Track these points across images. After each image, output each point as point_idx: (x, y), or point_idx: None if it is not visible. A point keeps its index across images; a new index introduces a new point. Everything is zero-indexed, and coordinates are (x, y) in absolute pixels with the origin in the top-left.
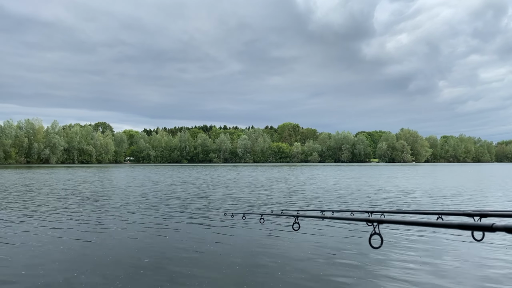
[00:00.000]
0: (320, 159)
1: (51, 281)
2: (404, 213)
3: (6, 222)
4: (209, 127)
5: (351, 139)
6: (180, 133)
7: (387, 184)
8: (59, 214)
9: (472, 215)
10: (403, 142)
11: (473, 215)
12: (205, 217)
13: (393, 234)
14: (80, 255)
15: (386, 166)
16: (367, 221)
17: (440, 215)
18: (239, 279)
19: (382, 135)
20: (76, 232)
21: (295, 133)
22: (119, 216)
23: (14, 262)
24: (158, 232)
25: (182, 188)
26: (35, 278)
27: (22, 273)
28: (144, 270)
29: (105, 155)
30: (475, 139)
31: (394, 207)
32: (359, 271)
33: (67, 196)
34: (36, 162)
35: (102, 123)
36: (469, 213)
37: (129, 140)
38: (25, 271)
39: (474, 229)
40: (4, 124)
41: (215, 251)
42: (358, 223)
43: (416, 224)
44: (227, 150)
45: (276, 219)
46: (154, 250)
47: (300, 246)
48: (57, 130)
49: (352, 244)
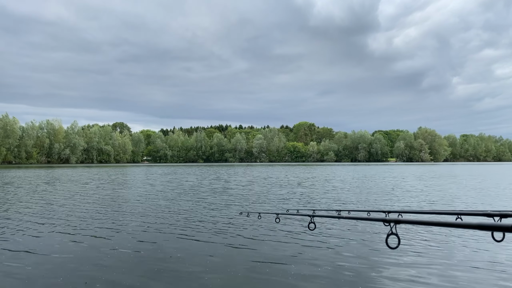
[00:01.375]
0: (336, 159)
1: (65, 280)
2: (422, 213)
3: (32, 217)
4: (224, 126)
5: (367, 138)
6: (196, 133)
7: (404, 184)
8: (81, 212)
9: (492, 215)
10: (421, 141)
11: (493, 216)
12: (221, 216)
13: (410, 234)
14: (98, 253)
15: (403, 166)
16: (384, 221)
17: (459, 215)
18: (254, 279)
19: (400, 134)
20: (94, 229)
21: (310, 132)
22: (137, 214)
23: (30, 259)
24: (174, 231)
25: (198, 187)
26: (53, 277)
27: (38, 272)
28: (158, 268)
29: (123, 155)
30: (495, 137)
31: (411, 207)
32: (376, 272)
33: (92, 195)
34: (56, 162)
35: (120, 123)
36: (489, 213)
37: (146, 140)
38: (41, 271)
39: (494, 229)
40: (26, 125)
41: (230, 251)
42: (375, 223)
43: (434, 224)
44: (243, 149)
45: (292, 218)
46: (169, 249)
47: (315, 246)
48: (76, 131)
49: (368, 244)
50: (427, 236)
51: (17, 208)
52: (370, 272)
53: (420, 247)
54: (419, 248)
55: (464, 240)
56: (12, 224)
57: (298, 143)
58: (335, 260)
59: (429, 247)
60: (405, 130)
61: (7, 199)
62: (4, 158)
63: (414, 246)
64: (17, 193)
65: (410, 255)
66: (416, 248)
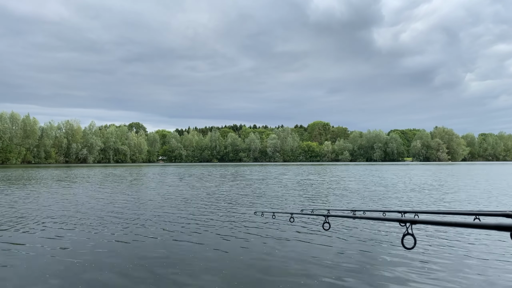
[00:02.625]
0: (351, 158)
1: (79, 279)
2: (438, 213)
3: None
4: (238, 126)
5: (383, 137)
6: (210, 133)
7: (421, 184)
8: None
9: (511, 215)
10: (438, 140)
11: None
12: (235, 216)
13: (427, 235)
14: (112, 251)
15: (420, 165)
16: (400, 221)
17: (477, 215)
18: (268, 278)
19: (416, 133)
20: (110, 228)
21: (325, 132)
22: (151, 213)
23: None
24: (188, 230)
25: (213, 187)
26: (67, 277)
27: (52, 270)
28: (172, 267)
29: (139, 154)
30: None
31: (428, 207)
32: (391, 272)
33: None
34: (74, 162)
35: (136, 124)
36: (507, 214)
37: (162, 140)
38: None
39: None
40: (45, 125)
41: (244, 250)
42: (390, 223)
43: (451, 224)
44: (257, 149)
45: (306, 218)
46: (183, 248)
47: (330, 246)
48: (94, 131)
49: (384, 245)
50: (444, 236)
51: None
52: (386, 272)
53: (436, 248)
54: (435, 249)
55: (482, 241)
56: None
57: (312, 142)
58: (350, 260)
59: (445, 248)
60: (421, 129)
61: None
62: (23, 158)
63: (430, 247)
64: (59, 191)
65: (426, 255)
66: (433, 249)
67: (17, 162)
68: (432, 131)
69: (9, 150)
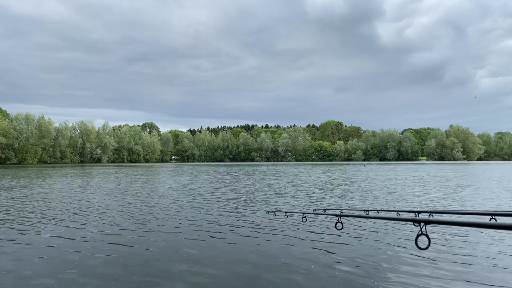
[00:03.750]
0: (365, 158)
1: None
2: (453, 213)
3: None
4: (251, 126)
5: (397, 136)
6: (222, 133)
7: (435, 183)
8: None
9: None
10: (453, 139)
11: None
12: (247, 215)
13: (441, 235)
14: (126, 249)
15: (435, 164)
16: (414, 221)
17: (493, 215)
18: (280, 278)
19: (431, 132)
20: (125, 224)
21: (338, 131)
22: (164, 212)
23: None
24: (200, 229)
25: (225, 186)
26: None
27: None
28: (184, 264)
29: (152, 154)
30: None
31: (442, 207)
32: (405, 273)
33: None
34: (89, 162)
35: (149, 124)
36: None
37: (174, 140)
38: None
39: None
40: (60, 125)
41: (257, 250)
42: (404, 223)
43: (467, 225)
44: (269, 149)
45: (319, 218)
46: (194, 246)
47: (343, 246)
48: (108, 131)
49: (397, 245)
50: (459, 237)
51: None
52: (399, 273)
53: (451, 249)
54: (450, 250)
55: (498, 242)
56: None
57: (325, 142)
58: (363, 260)
59: (460, 249)
60: (436, 128)
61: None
62: (40, 158)
63: (445, 247)
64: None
65: (440, 256)
66: (447, 249)
67: (34, 162)
68: (447, 130)
69: (25, 150)
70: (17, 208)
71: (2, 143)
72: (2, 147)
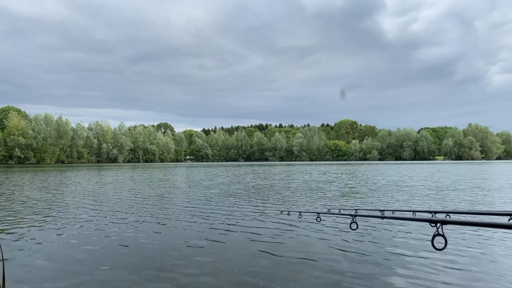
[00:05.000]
0: (380, 157)
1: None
2: (471, 213)
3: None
4: (264, 125)
5: (413, 135)
6: (236, 132)
7: (452, 183)
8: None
9: None
10: (471, 138)
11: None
12: (261, 215)
13: (458, 236)
14: (143, 247)
15: (452, 164)
16: (430, 221)
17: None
18: (295, 278)
19: (448, 131)
20: (140, 222)
21: (352, 130)
22: (178, 211)
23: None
24: (213, 228)
25: (239, 186)
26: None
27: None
28: (197, 264)
29: (167, 154)
30: None
31: (460, 207)
32: (420, 274)
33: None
34: (105, 162)
35: (164, 124)
36: None
37: (188, 139)
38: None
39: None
40: (76, 126)
41: (270, 249)
42: (420, 224)
43: (485, 225)
44: (283, 148)
45: (333, 218)
46: (208, 245)
47: (357, 246)
48: (123, 131)
49: (413, 245)
50: (477, 237)
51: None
52: (415, 274)
53: (468, 249)
54: (467, 250)
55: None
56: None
57: (339, 141)
58: (378, 260)
59: (478, 249)
60: (453, 127)
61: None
62: (57, 158)
63: (462, 248)
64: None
65: (457, 257)
66: (464, 250)
67: (52, 162)
68: (465, 129)
69: (44, 150)
70: (52, 203)
71: (21, 144)
72: (21, 148)
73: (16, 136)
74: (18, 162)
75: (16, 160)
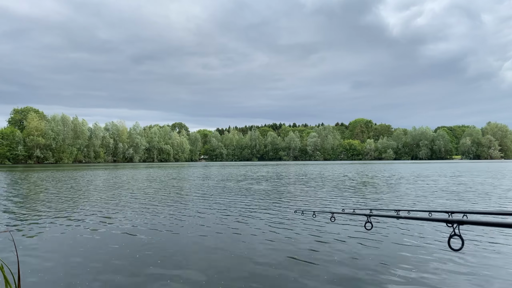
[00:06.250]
0: (395, 157)
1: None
2: (489, 213)
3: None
4: (278, 125)
5: (430, 134)
6: (250, 132)
7: (470, 183)
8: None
9: None
10: (490, 137)
11: None
12: (275, 214)
13: (476, 236)
14: (155, 247)
15: (470, 163)
16: (447, 221)
17: None
18: (307, 277)
19: (466, 130)
20: (153, 222)
21: (367, 129)
22: (190, 210)
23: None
24: (227, 227)
25: (253, 184)
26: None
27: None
28: (212, 263)
29: (182, 153)
30: None
31: (477, 207)
32: (436, 275)
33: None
34: (121, 161)
35: (179, 124)
36: None
37: (203, 139)
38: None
39: None
40: (93, 126)
41: (284, 249)
42: (437, 224)
43: (503, 225)
44: (297, 148)
45: (348, 218)
46: (221, 245)
47: (372, 247)
48: (138, 131)
49: (429, 246)
50: (494, 238)
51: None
52: (430, 275)
53: (485, 250)
54: (484, 251)
55: None
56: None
57: (354, 140)
58: (393, 261)
59: (495, 251)
60: (471, 126)
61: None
62: (75, 158)
63: (479, 249)
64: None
65: (474, 258)
66: (482, 251)
67: (69, 162)
68: (483, 127)
69: (62, 150)
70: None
71: (41, 144)
72: (40, 148)
73: (35, 136)
74: (37, 162)
75: (35, 160)
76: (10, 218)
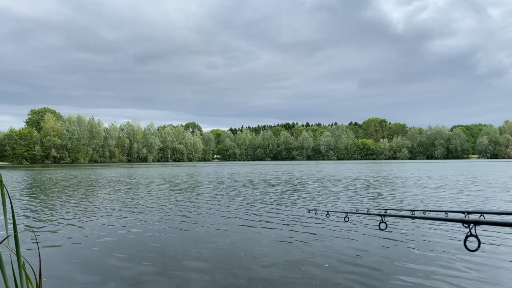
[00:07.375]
0: (410, 156)
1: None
2: (506, 213)
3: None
4: (291, 124)
5: (445, 133)
6: (263, 131)
7: (487, 182)
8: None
9: None
10: (508, 136)
11: None
12: (289, 214)
13: (492, 237)
14: (164, 245)
15: (487, 162)
16: (463, 222)
17: None
18: (322, 278)
19: (483, 129)
20: (165, 221)
21: (381, 128)
22: (206, 208)
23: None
24: (241, 227)
25: (267, 184)
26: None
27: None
28: (226, 266)
29: (195, 153)
30: None
31: (495, 207)
32: (452, 275)
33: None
34: (136, 161)
35: (192, 124)
36: None
37: (216, 139)
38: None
39: None
40: (109, 126)
41: (298, 249)
42: (453, 224)
43: None
44: (310, 147)
45: (362, 218)
46: (235, 245)
47: (386, 247)
48: (153, 131)
49: (444, 246)
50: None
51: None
52: (446, 275)
53: (502, 251)
54: (501, 252)
55: None
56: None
57: (368, 140)
58: (408, 261)
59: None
60: (488, 124)
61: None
62: (91, 157)
63: (496, 250)
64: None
65: (490, 259)
66: (498, 252)
67: (85, 161)
68: (501, 126)
69: (78, 150)
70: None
71: (57, 144)
72: (57, 148)
73: (52, 136)
74: (54, 162)
75: (52, 160)
76: (32, 217)
